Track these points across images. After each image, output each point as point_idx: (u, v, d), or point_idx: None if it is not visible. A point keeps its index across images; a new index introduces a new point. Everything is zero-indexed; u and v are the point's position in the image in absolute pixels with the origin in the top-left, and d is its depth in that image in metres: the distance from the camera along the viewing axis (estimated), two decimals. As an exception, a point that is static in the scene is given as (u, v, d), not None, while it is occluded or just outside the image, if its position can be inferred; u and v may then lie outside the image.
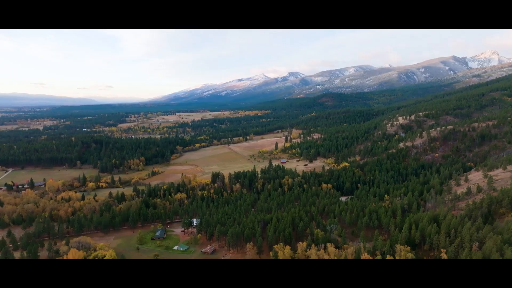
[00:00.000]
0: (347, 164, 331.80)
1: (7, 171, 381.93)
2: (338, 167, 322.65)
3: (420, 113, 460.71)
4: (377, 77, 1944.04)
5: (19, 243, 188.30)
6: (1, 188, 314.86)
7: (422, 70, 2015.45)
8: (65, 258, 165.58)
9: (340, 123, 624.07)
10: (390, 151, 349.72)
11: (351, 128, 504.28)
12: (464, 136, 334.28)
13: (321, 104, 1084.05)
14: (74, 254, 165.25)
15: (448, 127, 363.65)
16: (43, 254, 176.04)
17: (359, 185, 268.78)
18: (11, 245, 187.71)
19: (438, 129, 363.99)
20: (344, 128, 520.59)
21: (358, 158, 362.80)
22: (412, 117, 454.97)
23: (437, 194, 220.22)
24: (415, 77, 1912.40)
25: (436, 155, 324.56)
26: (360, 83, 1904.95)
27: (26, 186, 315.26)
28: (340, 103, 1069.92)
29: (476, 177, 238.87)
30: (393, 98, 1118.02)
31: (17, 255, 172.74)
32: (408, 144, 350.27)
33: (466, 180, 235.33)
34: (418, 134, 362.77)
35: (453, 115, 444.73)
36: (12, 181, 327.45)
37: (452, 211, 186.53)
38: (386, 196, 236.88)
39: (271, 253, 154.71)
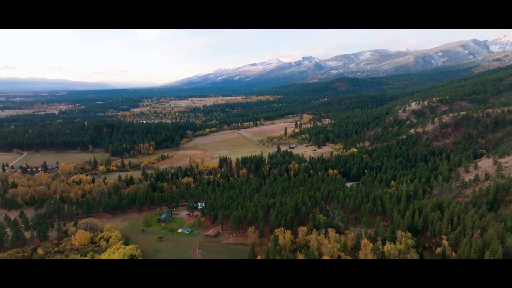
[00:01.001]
0: (355, 149, 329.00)
1: (22, 154, 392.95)
2: (346, 153, 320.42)
3: (434, 99, 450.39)
4: (393, 61, 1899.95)
5: (30, 223, 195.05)
6: (16, 171, 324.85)
7: (440, 54, 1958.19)
8: (72, 238, 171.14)
9: (352, 108, 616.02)
10: (400, 137, 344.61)
11: (362, 113, 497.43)
12: (477, 122, 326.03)
13: (334, 89, 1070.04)
14: (81, 234, 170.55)
15: (461, 113, 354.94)
16: (53, 235, 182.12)
17: (366, 171, 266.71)
18: (23, 225, 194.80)
19: (451, 115, 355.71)
20: (355, 114, 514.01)
21: (367, 144, 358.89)
22: (425, 102, 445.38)
23: (445, 181, 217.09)
24: (432, 61, 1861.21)
25: (447, 141, 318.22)
26: (375, 68, 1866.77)
27: (39, 168, 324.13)
28: (354, 88, 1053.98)
29: (486, 164, 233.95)
30: (408, 83, 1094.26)
31: (27, 234, 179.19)
32: (419, 130, 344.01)
33: (476, 167, 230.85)
34: (430, 120, 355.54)
35: (468, 101, 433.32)
36: (26, 164, 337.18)
37: (458, 198, 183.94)
38: (392, 182, 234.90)
39: (271, 236, 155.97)
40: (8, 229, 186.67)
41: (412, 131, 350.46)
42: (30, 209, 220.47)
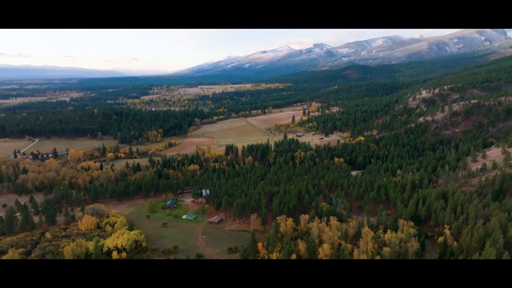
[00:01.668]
0: (362, 138, 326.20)
1: (33, 141, 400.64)
2: (353, 141, 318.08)
3: (445, 87, 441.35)
4: (406, 48, 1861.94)
5: (39, 208, 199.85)
6: (27, 157, 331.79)
7: (455, 40, 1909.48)
8: (79, 223, 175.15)
9: (362, 96, 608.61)
10: (409, 125, 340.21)
11: (371, 101, 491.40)
12: (488, 110, 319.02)
13: (344, 77, 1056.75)
14: (87, 220, 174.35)
15: (472, 101, 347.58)
16: (60, 219, 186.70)
17: (372, 159, 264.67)
18: (32, 210, 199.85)
19: (462, 103, 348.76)
20: (364, 102, 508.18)
21: (375, 132, 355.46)
22: (436, 90, 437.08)
23: (451, 170, 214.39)
24: (447, 48, 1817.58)
25: (457, 130, 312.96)
26: (387, 55, 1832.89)
27: (50, 155, 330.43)
28: (365, 76, 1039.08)
29: (495, 153, 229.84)
30: (421, 70, 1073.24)
31: (36, 219, 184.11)
32: (428, 118, 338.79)
33: (484, 156, 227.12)
34: (440, 108, 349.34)
35: (481, 89, 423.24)
36: (37, 150, 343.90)
37: (463, 188, 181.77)
38: (398, 171, 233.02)
39: (273, 223, 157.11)
40: (18, 213, 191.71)
41: (421, 119, 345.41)
42: (40, 195, 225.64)
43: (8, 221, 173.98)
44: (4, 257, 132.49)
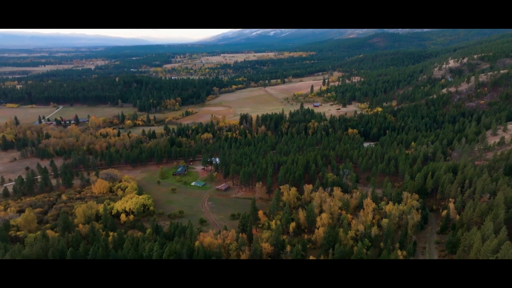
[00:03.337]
0: (380, 109, 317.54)
1: (58, 108, 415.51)
2: (370, 112, 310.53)
3: (475, 56, 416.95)
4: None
5: (58, 172, 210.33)
6: (51, 123, 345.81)
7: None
8: (92, 187, 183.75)
9: (387, 65, 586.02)
10: (431, 96, 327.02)
11: (394, 71, 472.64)
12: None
13: (371, 45, 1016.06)
14: (100, 183, 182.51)
15: (501, 71, 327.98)
16: (76, 183, 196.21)
17: (387, 131, 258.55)
18: (52, 173, 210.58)
19: (489, 73, 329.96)
20: (387, 71, 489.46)
21: (394, 103, 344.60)
22: (465, 60, 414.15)
23: (468, 144, 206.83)
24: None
25: (482, 102, 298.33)
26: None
27: (72, 121, 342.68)
28: (393, 44, 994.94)
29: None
30: (454, 38, 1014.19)
31: (54, 182, 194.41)
32: (452, 89, 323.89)
33: (505, 130, 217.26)
34: (465, 79, 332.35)
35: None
36: (60, 117, 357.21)
37: (477, 162, 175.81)
38: (412, 143, 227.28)
39: (275, 191, 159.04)
40: (39, 176, 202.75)
41: (444, 90, 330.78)
42: (60, 159, 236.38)
43: (28, 183, 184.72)
44: (21, 216, 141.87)
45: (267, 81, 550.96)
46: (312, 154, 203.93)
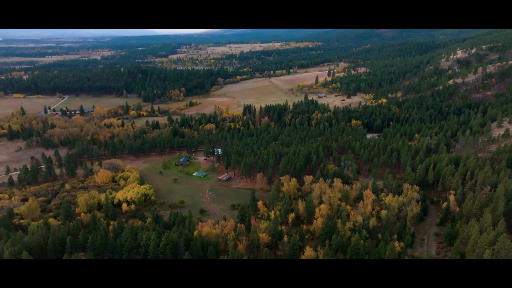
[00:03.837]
0: (385, 100, 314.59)
1: (63, 98, 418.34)
2: (375, 103, 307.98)
3: (483, 46, 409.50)
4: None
5: (63, 162, 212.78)
6: (57, 113, 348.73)
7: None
8: (95, 176, 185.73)
9: (394, 56, 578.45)
10: (437, 88, 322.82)
11: (401, 62, 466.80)
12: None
13: (378, 35, 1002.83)
14: (103, 173, 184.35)
15: (510, 62, 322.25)
16: (80, 172, 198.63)
17: (391, 122, 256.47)
18: (56, 163, 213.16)
19: (497, 64, 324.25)
20: (394, 62, 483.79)
21: (399, 94, 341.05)
22: (473, 50, 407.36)
23: (472, 136, 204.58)
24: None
25: (489, 93, 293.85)
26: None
27: (77, 112, 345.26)
28: (401, 34, 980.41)
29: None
30: (463, 28, 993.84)
31: (58, 171, 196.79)
32: (458, 80, 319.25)
33: (511, 122, 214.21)
34: (472, 70, 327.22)
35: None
36: (66, 107, 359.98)
37: (480, 154, 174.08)
38: (416, 135, 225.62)
39: (274, 183, 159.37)
40: (43, 165, 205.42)
41: (450, 81, 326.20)
42: (64, 149, 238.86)
43: (32, 172, 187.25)
44: (24, 205, 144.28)
45: (272, 72, 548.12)
46: (314, 146, 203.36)
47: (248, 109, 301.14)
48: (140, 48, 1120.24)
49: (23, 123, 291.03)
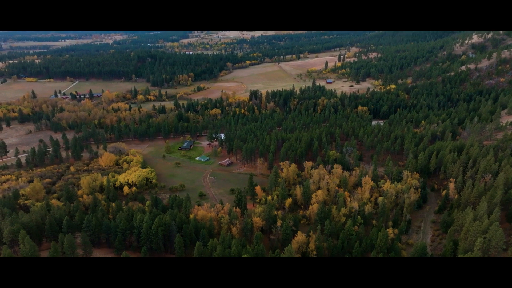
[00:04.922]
0: (394, 86, 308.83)
1: (74, 82, 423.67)
2: (383, 89, 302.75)
3: (500, 31, 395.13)
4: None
5: (69, 145, 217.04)
6: (67, 97, 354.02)
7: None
8: (99, 159, 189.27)
9: (407, 41, 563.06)
10: (448, 74, 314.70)
11: (413, 47, 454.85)
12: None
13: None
14: (107, 156, 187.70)
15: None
16: (85, 156, 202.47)
17: (398, 109, 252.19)
18: (64, 146, 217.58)
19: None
20: (406, 47, 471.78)
21: (409, 80, 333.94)
22: (490, 35, 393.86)
23: (480, 123, 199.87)
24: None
25: (502, 79, 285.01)
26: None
27: (86, 96, 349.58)
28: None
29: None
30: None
31: (64, 154, 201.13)
32: (471, 66, 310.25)
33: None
34: (486, 56, 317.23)
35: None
36: (76, 91, 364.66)
37: (485, 141, 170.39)
38: (423, 122, 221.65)
39: (273, 168, 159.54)
40: (51, 148, 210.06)
41: (463, 67, 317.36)
42: (72, 132, 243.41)
43: (39, 154, 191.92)
44: (29, 185, 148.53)
45: (282, 57, 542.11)
46: (317, 132, 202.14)
47: (254, 94, 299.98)
48: (152, 33, 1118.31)
49: (34, 107, 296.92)
